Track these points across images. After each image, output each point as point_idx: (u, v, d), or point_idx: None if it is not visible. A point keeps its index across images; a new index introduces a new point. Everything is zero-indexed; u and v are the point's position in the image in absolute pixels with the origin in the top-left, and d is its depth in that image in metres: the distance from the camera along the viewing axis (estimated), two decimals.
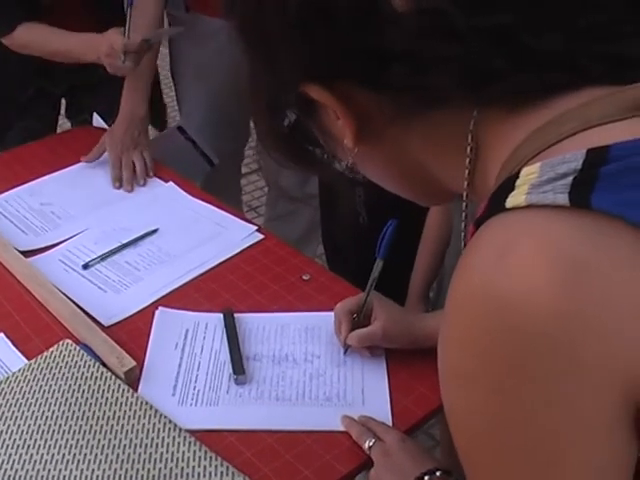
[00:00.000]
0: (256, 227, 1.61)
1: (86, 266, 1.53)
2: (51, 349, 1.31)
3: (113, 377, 1.25)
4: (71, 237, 1.63)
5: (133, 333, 1.35)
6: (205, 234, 1.60)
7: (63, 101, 2.24)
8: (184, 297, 1.43)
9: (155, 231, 1.62)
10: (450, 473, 1.02)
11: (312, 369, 1.27)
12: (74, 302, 1.41)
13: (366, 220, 1.74)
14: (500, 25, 0.57)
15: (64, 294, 1.43)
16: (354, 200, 1.74)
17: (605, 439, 0.52)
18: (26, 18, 1.84)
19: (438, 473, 1.01)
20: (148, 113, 1.95)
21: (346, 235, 1.89)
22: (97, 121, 2.06)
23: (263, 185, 3.48)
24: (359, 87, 0.64)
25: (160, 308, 1.40)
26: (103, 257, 1.55)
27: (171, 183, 1.79)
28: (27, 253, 1.58)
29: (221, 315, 1.37)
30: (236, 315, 1.36)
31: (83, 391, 1.23)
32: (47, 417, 1.18)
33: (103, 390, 1.22)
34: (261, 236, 1.59)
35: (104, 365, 1.27)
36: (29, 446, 1.14)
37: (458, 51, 0.58)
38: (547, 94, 0.59)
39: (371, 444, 1.10)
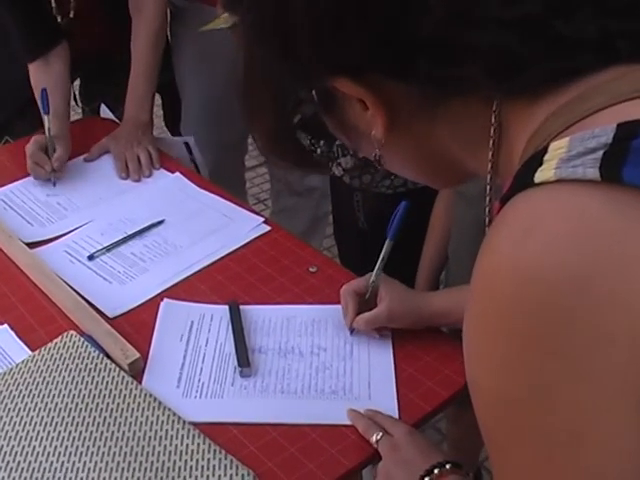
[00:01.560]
0: (263, 219, 1.60)
1: (91, 257, 1.52)
2: (55, 340, 1.30)
3: (117, 369, 1.23)
4: (77, 228, 1.62)
5: (138, 325, 1.34)
6: (211, 225, 1.59)
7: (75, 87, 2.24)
8: (190, 289, 1.42)
9: (161, 222, 1.61)
10: (459, 466, 1.00)
11: (318, 362, 1.25)
12: (79, 293, 1.40)
13: (365, 225, 1.74)
14: (531, 14, 0.57)
15: (69, 285, 1.42)
16: (352, 205, 1.73)
17: (631, 421, 0.50)
18: (50, 44, 1.87)
19: (448, 466, 0.99)
20: (152, 119, 1.95)
21: (350, 236, 1.88)
22: (105, 112, 2.05)
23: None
24: (388, 78, 0.63)
25: (165, 300, 1.38)
26: (109, 248, 1.54)
27: (178, 174, 1.78)
28: (32, 244, 1.57)
29: (227, 307, 1.35)
30: (242, 307, 1.35)
31: (87, 383, 1.21)
32: (50, 409, 1.17)
33: (107, 382, 1.21)
34: (268, 228, 1.57)
35: (108, 357, 1.26)
36: (32, 438, 1.13)
37: (489, 41, 0.58)
38: (575, 74, 0.58)
39: (378, 438, 1.08)
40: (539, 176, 0.53)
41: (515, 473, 0.57)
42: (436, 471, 0.99)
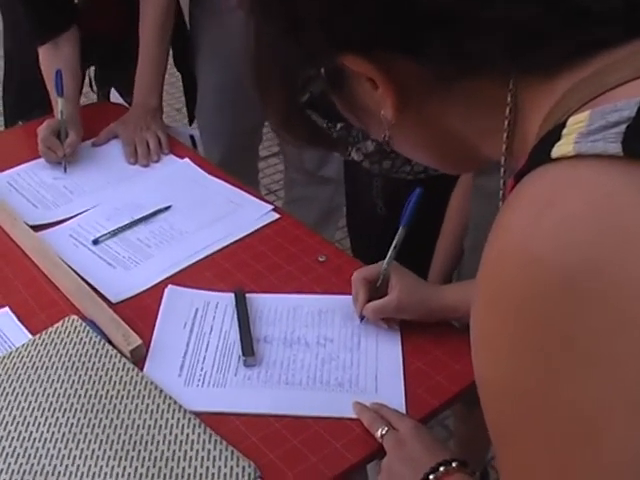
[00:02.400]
0: (272, 206, 1.56)
1: (96, 241, 1.49)
2: (56, 325, 1.27)
3: (119, 355, 1.20)
4: (82, 212, 1.60)
5: (141, 311, 1.31)
6: (219, 212, 1.56)
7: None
8: (195, 275, 1.39)
9: (168, 208, 1.58)
10: (466, 464, 0.97)
11: (324, 353, 1.22)
12: (82, 278, 1.37)
13: (383, 210, 1.70)
14: None
15: (72, 269, 1.39)
16: (371, 190, 1.70)
17: None
18: (60, 28, 1.85)
19: (454, 464, 0.96)
20: (161, 104, 1.92)
21: (366, 224, 1.85)
22: (115, 97, 2.02)
23: (283, 168, 3.45)
24: (399, 55, 0.61)
25: (170, 286, 1.35)
26: (114, 233, 1.51)
27: (186, 160, 1.75)
28: (37, 227, 1.55)
29: (232, 295, 1.32)
30: (248, 295, 1.32)
31: (87, 368, 1.19)
32: (49, 394, 1.14)
33: (108, 368, 1.18)
34: (277, 215, 1.54)
35: (110, 343, 1.23)
36: (29, 423, 1.10)
37: (507, 13, 0.55)
38: (597, 47, 0.55)
39: (384, 432, 1.05)
40: (556, 151, 0.50)
41: (522, 471, 0.54)
42: (442, 469, 0.95)
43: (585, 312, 0.47)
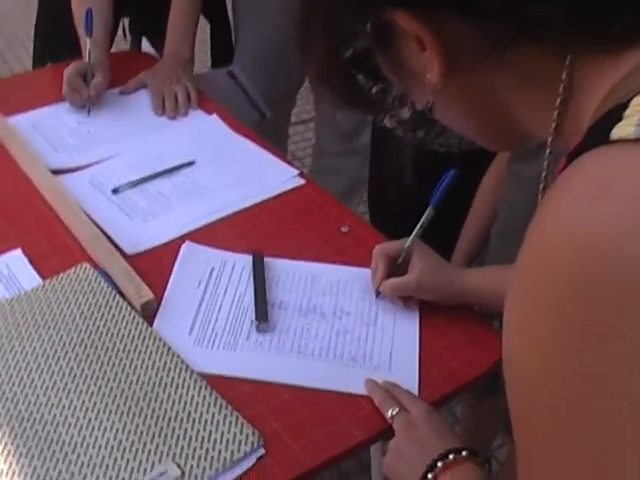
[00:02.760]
0: (298, 171, 1.52)
1: (116, 190, 1.46)
2: (68, 271, 1.24)
3: (129, 308, 1.17)
4: (104, 160, 1.56)
5: (156, 265, 1.28)
6: (244, 172, 1.52)
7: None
8: (214, 234, 1.35)
9: (192, 163, 1.54)
10: (476, 454, 0.93)
11: (340, 325, 1.18)
12: (98, 226, 1.34)
13: (411, 181, 1.66)
14: None
15: (89, 217, 1.36)
16: (403, 158, 1.65)
17: None
18: None
19: (464, 453, 0.92)
20: (193, 56, 1.87)
21: (391, 192, 1.80)
22: (147, 47, 1.98)
23: (310, 136, 3.40)
24: (452, 16, 0.57)
25: (187, 242, 1.32)
26: (135, 183, 1.48)
27: (215, 116, 1.70)
28: (57, 172, 1.51)
29: (250, 257, 1.28)
30: (266, 259, 1.28)
31: (95, 319, 1.15)
32: (54, 342, 1.11)
33: (117, 320, 1.15)
34: (302, 181, 1.50)
35: (121, 294, 1.20)
36: (32, 369, 1.07)
37: None
38: None
39: (394, 413, 1.01)
40: (616, 132, 0.47)
41: (547, 470, 0.51)
42: (451, 457, 0.92)
43: (634, 310, 0.44)
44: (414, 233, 1.19)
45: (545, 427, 0.50)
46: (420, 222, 1.19)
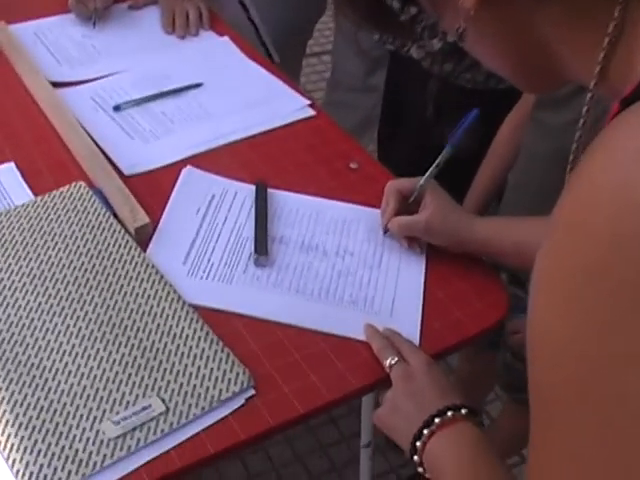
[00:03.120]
0: (309, 102, 1.45)
1: (118, 108, 1.39)
2: (62, 189, 1.18)
3: (122, 231, 1.12)
4: (108, 75, 1.49)
5: (154, 189, 1.21)
6: (253, 98, 1.44)
7: None
8: (217, 160, 1.29)
9: (199, 85, 1.47)
10: (475, 413, 0.88)
11: (342, 265, 1.12)
12: (97, 144, 1.28)
13: (432, 114, 1.59)
14: None
15: (88, 133, 1.30)
16: (425, 92, 1.58)
17: None
18: None
19: (463, 411, 0.87)
20: None
21: (405, 129, 1.74)
22: None
23: (322, 70, 3.31)
24: None
25: (188, 167, 1.25)
26: (138, 102, 1.41)
27: (226, 38, 1.63)
28: (58, 85, 1.44)
29: (253, 187, 1.22)
30: (270, 190, 1.22)
31: (87, 240, 1.10)
32: (42, 261, 1.06)
33: (109, 243, 1.10)
34: (313, 112, 1.43)
35: (115, 217, 1.14)
36: (16, 289, 1.02)
37: None
38: None
39: (393, 362, 0.95)
40: None
41: (565, 440, 0.46)
42: (449, 413, 0.86)
43: None
44: (429, 172, 1.13)
45: (568, 396, 0.46)
46: (436, 161, 1.13)
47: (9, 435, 0.86)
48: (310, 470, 1.93)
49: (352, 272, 1.12)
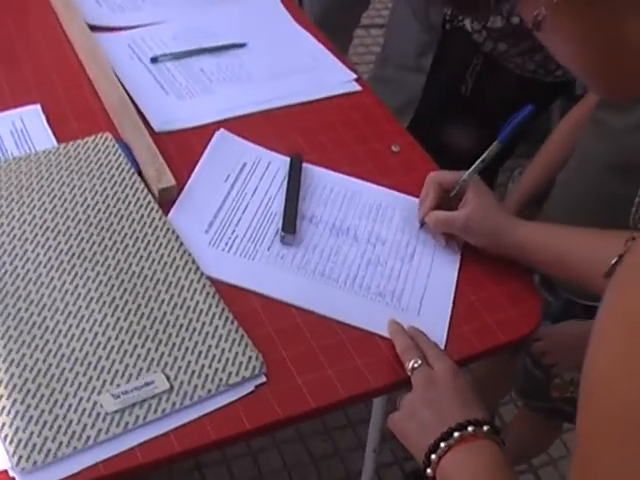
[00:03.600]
0: (356, 76, 1.38)
1: (155, 60, 1.32)
2: (87, 139, 1.12)
3: (145, 190, 1.06)
4: (149, 25, 1.42)
5: (184, 149, 1.15)
6: (297, 65, 1.37)
7: None
8: (252, 126, 1.22)
9: (243, 45, 1.39)
10: (497, 432, 0.82)
11: (372, 254, 1.06)
12: (129, 95, 1.21)
13: (469, 92, 1.53)
14: None
15: (121, 83, 1.23)
16: (467, 67, 1.53)
17: None
18: None
19: (485, 428, 0.80)
20: None
21: (442, 99, 1.69)
22: None
23: (370, 43, 3.23)
24: None
25: (222, 130, 1.19)
26: (177, 56, 1.34)
27: None
28: (96, 29, 1.37)
29: (288, 159, 1.16)
30: (304, 165, 1.15)
31: (107, 196, 1.04)
32: (57, 213, 1.00)
33: (130, 202, 1.04)
34: (359, 87, 1.36)
35: (140, 174, 1.08)
36: (27, 240, 0.96)
37: None
38: None
39: (416, 365, 0.89)
40: None
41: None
42: (470, 429, 0.80)
43: None
44: (473, 167, 1.06)
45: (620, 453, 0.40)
46: (482, 156, 1.06)
47: (1, 396, 0.80)
48: (312, 453, 1.88)
49: (382, 262, 1.05)
